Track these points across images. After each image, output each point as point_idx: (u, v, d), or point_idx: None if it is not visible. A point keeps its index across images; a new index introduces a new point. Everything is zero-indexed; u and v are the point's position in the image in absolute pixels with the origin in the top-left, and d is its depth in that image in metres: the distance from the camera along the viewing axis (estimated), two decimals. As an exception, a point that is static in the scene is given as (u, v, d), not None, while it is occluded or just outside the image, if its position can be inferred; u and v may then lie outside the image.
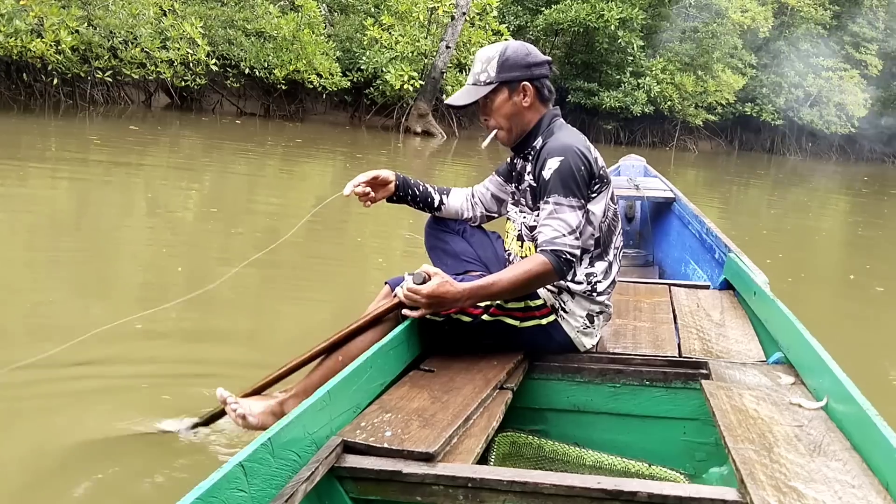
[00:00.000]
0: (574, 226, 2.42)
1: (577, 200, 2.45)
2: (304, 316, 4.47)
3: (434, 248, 2.91)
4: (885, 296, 6.58)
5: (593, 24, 21.83)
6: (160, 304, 3.35)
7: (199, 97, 18.96)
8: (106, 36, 15.31)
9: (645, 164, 6.46)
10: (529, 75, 2.60)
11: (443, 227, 2.94)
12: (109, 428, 2.80)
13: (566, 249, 2.39)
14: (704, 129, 27.42)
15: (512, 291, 2.40)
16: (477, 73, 2.60)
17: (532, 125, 2.64)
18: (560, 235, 2.40)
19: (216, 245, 5.99)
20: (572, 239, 2.41)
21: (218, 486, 1.43)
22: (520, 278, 2.36)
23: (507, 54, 2.58)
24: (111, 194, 7.66)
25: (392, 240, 6.92)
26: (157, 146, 11.92)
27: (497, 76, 2.57)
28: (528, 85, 2.60)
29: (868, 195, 17.39)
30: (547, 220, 2.44)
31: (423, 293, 2.31)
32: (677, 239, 5.03)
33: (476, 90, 2.60)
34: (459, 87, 19.39)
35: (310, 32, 17.68)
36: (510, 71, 2.57)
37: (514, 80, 2.58)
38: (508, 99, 2.60)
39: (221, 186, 9.13)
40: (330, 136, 16.90)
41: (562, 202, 2.43)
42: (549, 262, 2.36)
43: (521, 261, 2.43)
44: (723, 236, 3.99)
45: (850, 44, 29.91)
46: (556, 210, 2.43)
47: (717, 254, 3.97)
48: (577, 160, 2.46)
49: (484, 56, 2.60)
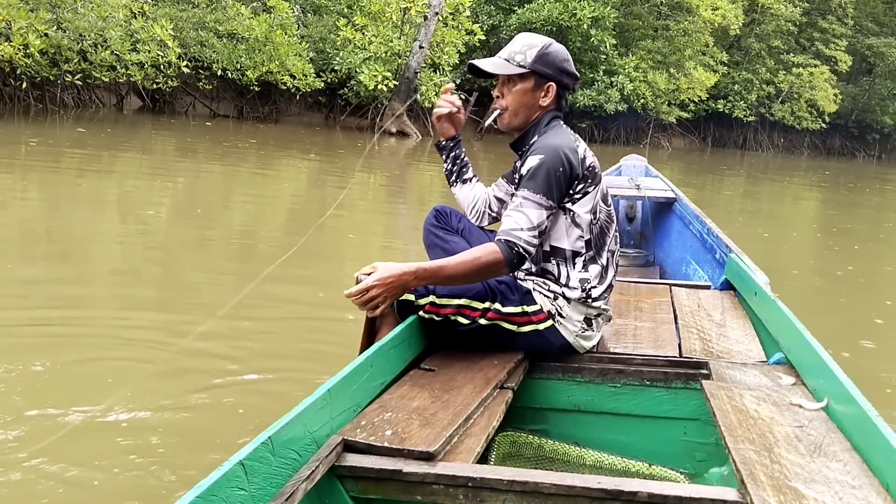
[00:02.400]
0: (535, 223, 2.41)
1: (545, 199, 2.43)
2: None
3: (433, 245, 2.90)
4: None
5: (566, 23, 21.88)
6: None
7: (172, 99, 18.82)
8: (75, 39, 15.15)
9: (646, 163, 6.44)
10: (559, 80, 2.63)
11: (443, 225, 2.94)
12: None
13: (520, 243, 2.37)
14: (678, 126, 27.61)
15: (462, 277, 2.38)
16: (513, 52, 2.61)
17: (533, 122, 2.65)
18: (518, 228, 2.39)
19: (192, 250, 5.93)
20: (529, 235, 2.39)
21: (218, 484, 1.42)
22: (469, 264, 2.35)
23: (548, 49, 2.60)
24: (76, 201, 7.56)
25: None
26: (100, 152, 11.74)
27: (532, 64, 2.58)
28: (553, 86, 2.62)
29: (828, 189, 17.67)
30: (511, 212, 2.44)
31: (367, 284, 2.27)
32: (678, 239, 5.04)
33: (506, 66, 2.60)
34: (434, 87, 19.48)
35: (282, 33, 17.58)
36: (546, 66, 2.59)
37: (544, 77, 2.60)
38: (531, 90, 2.61)
39: (195, 189, 9.04)
40: (304, 137, 16.81)
41: (529, 197, 2.43)
42: (500, 252, 2.35)
43: (473, 248, 2.42)
44: (724, 236, 3.99)
45: (820, 40, 30.24)
46: (523, 204, 2.43)
47: (718, 254, 3.97)
48: (556, 161, 2.45)
49: (527, 40, 2.62)
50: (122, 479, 2.56)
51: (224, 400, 3.19)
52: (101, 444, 2.76)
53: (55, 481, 2.50)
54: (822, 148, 32.59)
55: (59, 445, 2.67)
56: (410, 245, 6.55)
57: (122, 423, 2.92)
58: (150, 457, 2.69)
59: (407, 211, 9.11)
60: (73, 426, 2.83)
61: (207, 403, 3.16)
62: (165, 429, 2.91)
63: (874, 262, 8.09)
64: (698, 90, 25.39)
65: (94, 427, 2.89)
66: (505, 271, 2.42)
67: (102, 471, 2.59)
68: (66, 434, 2.75)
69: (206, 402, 3.17)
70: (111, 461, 2.65)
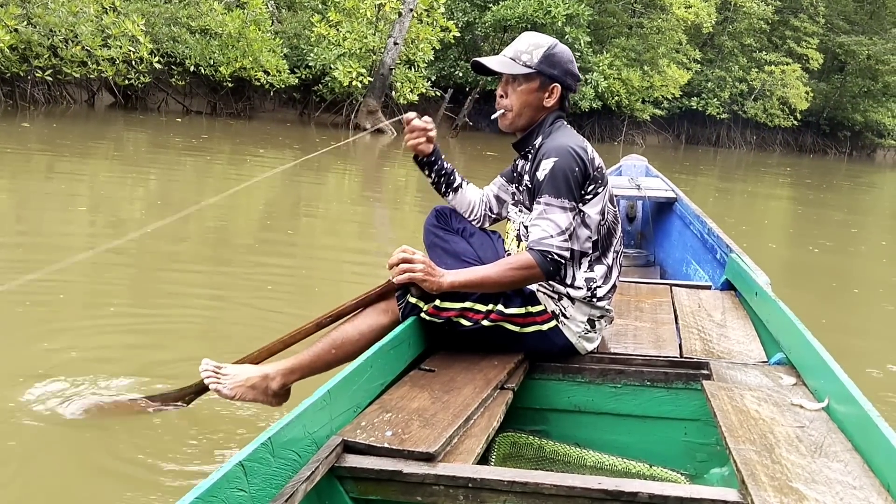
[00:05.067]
0: (563, 227, 2.41)
1: (568, 202, 2.43)
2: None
3: (434, 246, 2.87)
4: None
5: (541, 20, 21.88)
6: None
7: (144, 96, 18.65)
8: (46, 34, 14.98)
9: (646, 163, 6.43)
10: (563, 81, 2.61)
11: (443, 225, 2.90)
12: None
13: (553, 250, 2.38)
14: (651, 123, 27.79)
15: (499, 287, 2.43)
16: (519, 51, 2.59)
17: (536, 123, 2.64)
18: (548, 236, 2.39)
19: (165, 246, 5.86)
20: (560, 240, 2.40)
21: (218, 485, 1.42)
22: (506, 275, 2.39)
23: (554, 50, 2.59)
24: (45, 199, 7.45)
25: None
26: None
27: (538, 65, 2.56)
28: (558, 87, 2.61)
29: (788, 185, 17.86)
30: (537, 220, 2.44)
31: (420, 258, 2.35)
32: (679, 239, 5.02)
33: (512, 65, 2.58)
34: (409, 83, 19.46)
35: (256, 29, 17.45)
36: (552, 67, 2.58)
37: (550, 78, 2.59)
38: (536, 90, 2.60)
39: (166, 187, 8.90)
40: (278, 133, 16.69)
41: (552, 203, 2.42)
42: (535, 261, 2.37)
43: (509, 258, 2.46)
44: (724, 236, 3.98)
45: (792, 38, 30.52)
46: (547, 210, 2.42)
47: (719, 254, 3.96)
48: (570, 161, 2.45)
49: (533, 40, 2.61)
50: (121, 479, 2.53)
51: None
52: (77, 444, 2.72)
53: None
54: (794, 145, 32.89)
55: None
56: (384, 246, 6.52)
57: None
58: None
59: (382, 208, 9.07)
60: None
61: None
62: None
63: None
64: (672, 88, 25.57)
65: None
66: (542, 279, 2.45)
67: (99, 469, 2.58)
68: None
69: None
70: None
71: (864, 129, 33.60)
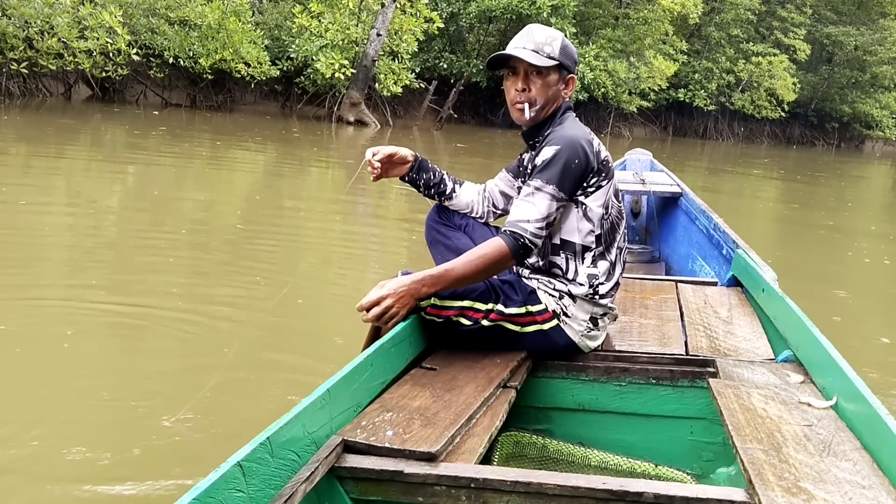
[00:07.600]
0: (544, 214, 2.39)
1: (557, 191, 2.41)
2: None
3: (435, 242, 2.87)
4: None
5: (526, 11, 21.81)
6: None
7: (122, 88, 18.50)
8: (21, 26, 14.87)
9: (651, 157, 6.41)
10: (575, 71, 2.64)
11: (445, 221, 2.90)
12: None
13: (527, 235, 2.37)
14: (638, 115, 27.80)
15: (471, 276, 2.38)
16: (541, 44, 2.54)
17: (550, 114, 2.62)
18: (525, 220, 2.38)
19: (145, 244, 5.67)
20: (536, 227, 2.38)
21: (215, 486, 1.39)
22: (475, 263, 2.35)
23: (564, 43, 2.58)
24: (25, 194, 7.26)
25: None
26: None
27: (560, 56, 2.54)
28: (574, 78, 2.62)
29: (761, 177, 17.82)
30: (520, 201, 2.43)
31: (381, 294, 2.28)
32: (684, 234, 4.98)
33: (540, 58, 2.53)
34: (392, 75, 19.27)
35: (236, 20, 17.27)
36: (567, 58, 2.57)
37: (566, 69, 2.58)
38: (556, 82, 2.57)
39: (145, 181, 8.69)
40: (260, 126, 16.49)
41: (541, 187, 2.41)
42: (506, 245, 2.35)
43: (479, 245, 2.41)
44: (731, 232, 3.95)
45: (780, 29, 30.50)
46: (535, 193, 2.41)
47: (725, 250, 3.93)
48: (572, 152, 2.43)
49: (546, 31, 2.57)
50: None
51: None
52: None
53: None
54: (781, 137, 32.95)
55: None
56: (369, 247, 6.41)
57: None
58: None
59: (365, 202, 8.90)
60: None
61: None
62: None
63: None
64: (658, 79, 25.60)
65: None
66: (512, 264, 2.42)
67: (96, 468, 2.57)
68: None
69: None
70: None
71: (852, 121, 33.68)
